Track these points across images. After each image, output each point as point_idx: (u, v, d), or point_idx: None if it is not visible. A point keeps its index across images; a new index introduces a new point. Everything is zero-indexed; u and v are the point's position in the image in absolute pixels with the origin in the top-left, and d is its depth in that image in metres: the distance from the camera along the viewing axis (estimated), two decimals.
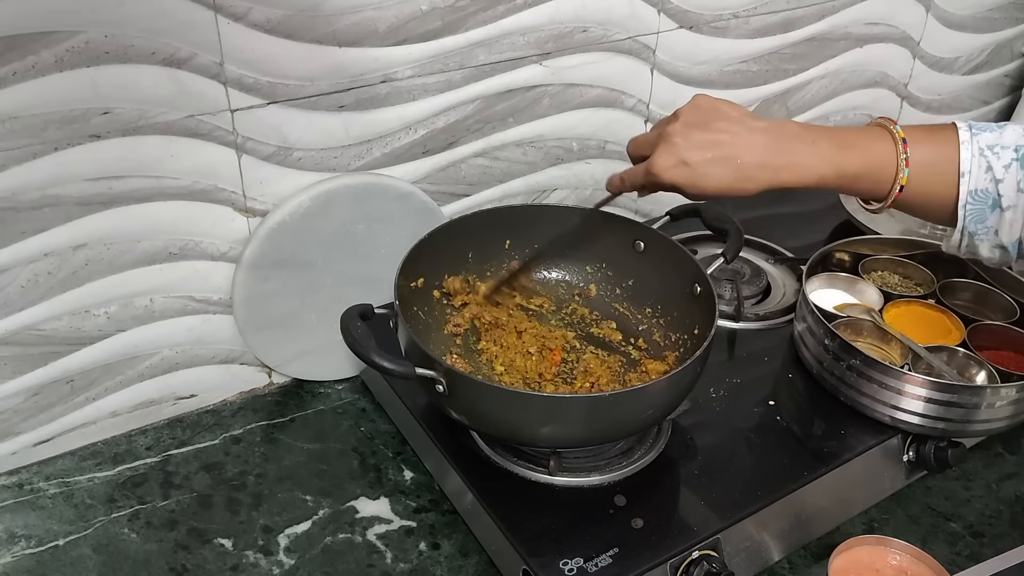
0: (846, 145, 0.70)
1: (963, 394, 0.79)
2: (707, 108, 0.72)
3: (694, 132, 0.71)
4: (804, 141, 0.70)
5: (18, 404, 0.80)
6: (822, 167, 0.69)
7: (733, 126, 0.70)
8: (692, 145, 0.70)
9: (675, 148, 0.70)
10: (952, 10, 1.31)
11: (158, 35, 0.71)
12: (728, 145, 0.70)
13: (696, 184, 0.70)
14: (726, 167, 0.69)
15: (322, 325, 0.90)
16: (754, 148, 0.70)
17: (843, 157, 0.70)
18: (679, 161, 0.70)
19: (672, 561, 0.69)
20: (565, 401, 0.70)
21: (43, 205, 0.73)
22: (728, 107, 0.72)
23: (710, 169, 0.70)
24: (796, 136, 0.71)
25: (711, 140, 0.70)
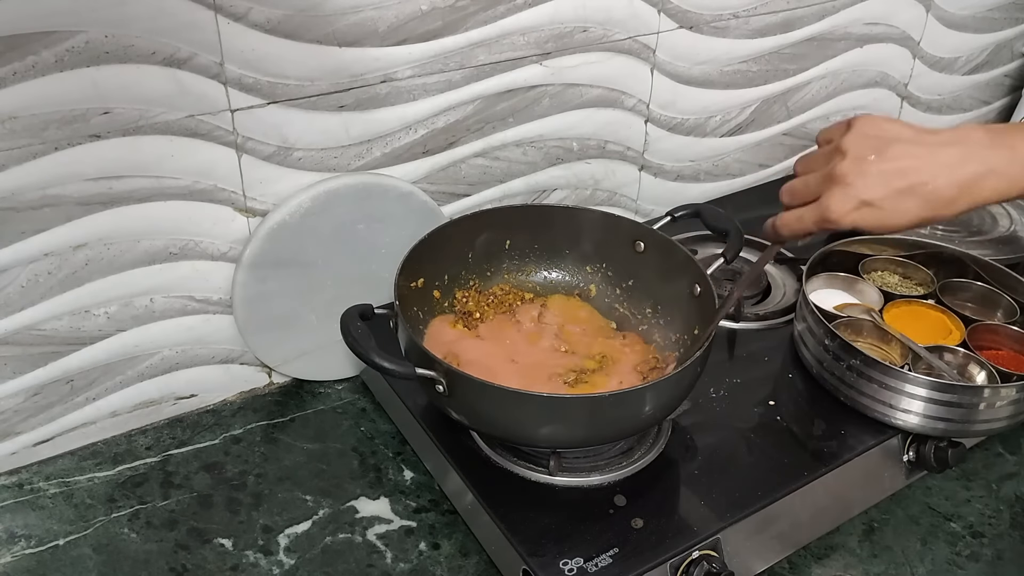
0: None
1: (963, 394, 0.79)
2: (876, 134, 0.63)
3: (869, 166, 0.62)
4: (1000, 147, 0.62)
5: (18, 404, 0.80)
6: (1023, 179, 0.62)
7: (913, 148, 0.62)
8: (871, 182, 0.61)
9: (851, 189, 0.62)
10: (952, 10, 1.31)
11: (158, 35, 0.71)
12: (915, 172, 0.61)
13: (885, 224, 0.62)
14: (915, 199, 0.61)
15: (322, 325, 0.90)
16: (946, 168, 0.61)
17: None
18: (860, 203, 0.62)
19: (672, 561, 0.69)
20: (565, 401, 0.70)
21: (43, 205, 0.73)
22: (899, 127, 0.64)
23: (898, 204, 0.61)
24: (989, 143, 0.62)
25: (893, 170, 0.61)
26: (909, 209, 0.62)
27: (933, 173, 0.61)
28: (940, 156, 0.62)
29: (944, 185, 0.61)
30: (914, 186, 0.61)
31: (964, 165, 0.61)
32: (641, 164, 1.12)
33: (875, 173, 0.62)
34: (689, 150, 1.16)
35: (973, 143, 0.62)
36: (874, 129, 0.64)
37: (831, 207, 0.63)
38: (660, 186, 1.16)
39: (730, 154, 1.21)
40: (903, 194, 0.61)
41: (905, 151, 0.62)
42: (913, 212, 0.62)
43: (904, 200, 0.61)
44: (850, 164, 0.62)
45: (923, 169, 0.61)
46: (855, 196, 0.62)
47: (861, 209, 0.62)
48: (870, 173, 0.62)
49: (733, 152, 1.21)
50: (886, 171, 0.62)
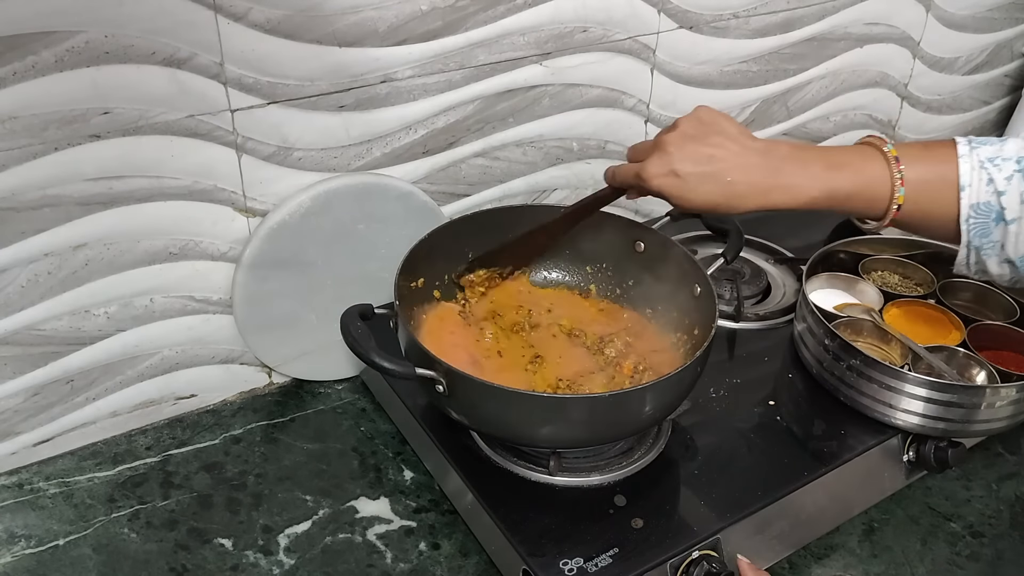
0: (837, 165, 0.70)
1: (963, 394, 0.79)
2: (707, 121, 0.71)
3: (689, 144, 0.70)
4: (795, 162, 0.70)
5: (18, 404, 0.80)
6: (812, 188, 0.69)
7: (728, 143, 0.70)
8: (685, 156, 0.69)
9: (668, 157, 0.70)
10: (952, 10, 1.31)
11: (158, 35, 0.71)
12: (720, 161, 0.69)
13: (684, 196, 0.70)
14: (716, 184, 0.69)
15: (322, 325, 0.90)
16: (746, 168, 0.69)
17: (834, 177, 0.69)
18: (670, 171, 0.69)
19: (672, 561, 0.69)
20: (565, 401, 0.70)
21: (43, 205, 0.73)
22: (728, 123, 0.71)
23: (699, 184, 0.69)
24: (787, 157, 0.70)
25: (705, 154, 0.69)
26: (707, 192, 0.69)
27: (735, 169, 0.69)
28: (746, 158, 0.69)
29: (740, 182, 0.69)
30: (716, 173, 0.69)
31: (760, 171, 0.69)
32: None
33: (691, 151, 0.69)
34: None
35: (775, 155, 0.70)
36: (708, 116, 0.72)
37: (647, 167, 0.71)
38: None
39: None
40: (706, 178, 0.69)
41: (721, 143, 0.70)
42: (709, 195, 0.69)
43: (705, 183, 0.69)
44: (675, 137, 0.70)
45: (728, 163, 0.69)
46: (668, 164, 0.70)
47: (670, 177, 0.70)
48: (687, 149, 0.70)
49: None
50: (700, 154, 0.69)
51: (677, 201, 0.71)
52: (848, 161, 0.70)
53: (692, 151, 0.69)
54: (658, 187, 0.70)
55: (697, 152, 0.69)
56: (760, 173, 0.69)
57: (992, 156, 0.67)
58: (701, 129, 0.70)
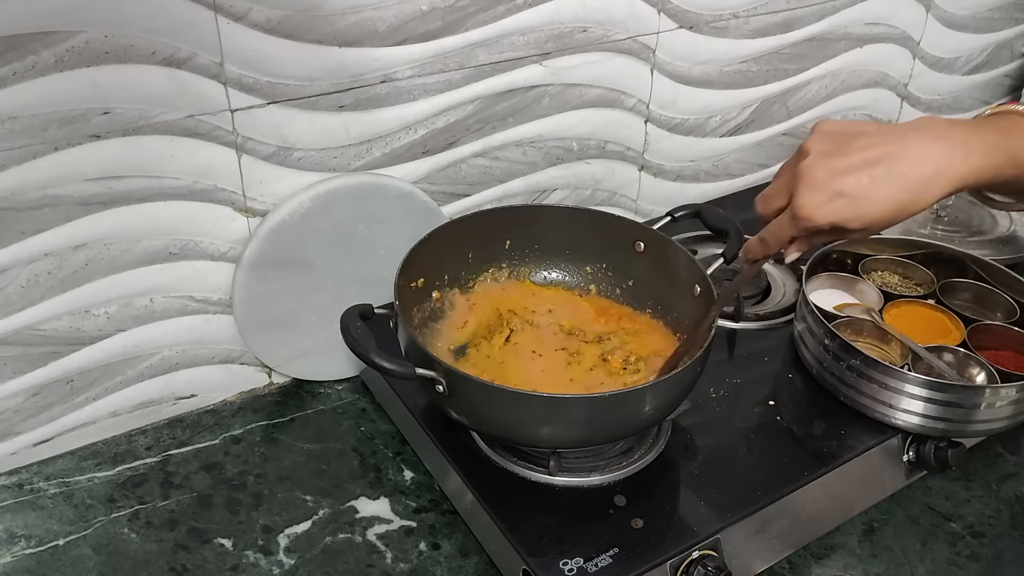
0: (1004, 130, 0.61)
1: (963, 394, 0.79)
2: (837, 131, 0.62)
3: (833, 160, 0.59)
4: (964, 128, 0.60)
5: (18, 404, 0.80)
6: (997, 157, 0.59)
7: (879, 137, 0.60)
8: (839, 171, 0.59)
9: (819, 181, 0.59)
10: (952, 10, 1.31)
11: (158, 35, 0.71)
12: (884, 159, 0.59)
13: (861, 215, 0.59)
14: (891, 185, 0.58)
15: (322, 325, 0.90)
16: (915, 150, 0.59)
17: (1011, 142, 0.60)
18: (832, 194, 0.59)
19: (672, 561, 0.69)
20: (565, 401, 0.70)
21: (43, 205, 0.73)
22: (860, 124, 0.62)
23: (873, 191, 0.58)
24: (952, 124, 0.61)
25: (861, 160, 0.59)
26: (886, 196, 0.59)
27: (904, 157, 0.59)
28: (910, 141, 0.60)
29: (918, 166, 0.59)
30: (888, 170, 0.59)
31: (933, 143, 0.59)
32: (641, 164, 1.12)
33: (842, 165, 0.60)
34: (689, 150, 1.16)
35: (940, 127, 0.61)
36: (835, 127, 0.62)
37: (802, 204, 0.61)
38: (660, 186, 1.16)
39: (730, 154, 1.21)
40: (877, 180, 0.59)
41: (871, 141, 0.60)
42: (891, 199, 0.59)
43: (879, 188, 0.59)
44: (814, 159, 0.61)
45: (894, 153, 0.59)
46: (825, 189, 0.59)
47: (834, 201, 0.59)
48: (836, 166, 0.60)
49: (733, 152, 1.21)
50: (854, 162, 0.59)
51: (856, 223, 0.60)
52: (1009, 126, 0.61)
53: (843, 164, 0.59)
54: (826, 217, 0.60)
55: (848, 163, 0.59)
56: (934, 147, 0.59)
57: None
58: (836, 140, 0.61)
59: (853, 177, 0.59)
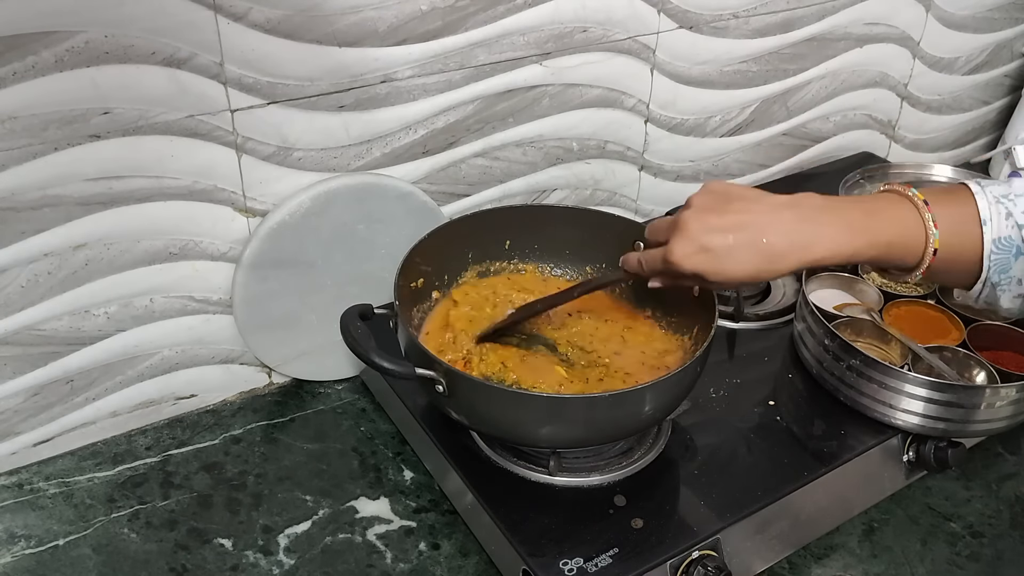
0: (872, 212, 0.66)
1: (963, 394, 0.79)
2: (721, 192, 0.67)
3: (710, 216, 0.65)
4: (830, 211, 0.66)
5: (18, 404, 0.80)
6: (855, 239, 0.65)
7: (752, 205, 0.66)
8: (709, 228, 0.65)
9: (691, 234, 0.65)
10: (952, 10, 1.31)
11: (158, 35, 0.71)
12: (750, 226, 0.64)
13: (720, 271, 0.65)
14: (751, 251, 0.64)
15: (322, 325, 0.90)
16: (780, 225, 0.64)
17: (873, 225, 0.65)
18: (699, 247, 0.65)
19: (672, 561, 0.69)
20: (565, 401, 0.70)
21: (43, 205, 0.73)
22: (742, 188, 0.68)
23: (734, 253, 0.64)
24: (820, 207, 0.66)
25: (732, 222, 0.65)
26: (744, 259, 0.64)
27: (768, 230, 0.64)
28: (777, 215, 0.65)
29: (777, 243, 0.64)
30: (751, 240, 0.64)
31: (798, 224, 0.65)
32: (641, 164, 1.12)
33: (714, 223, 0.65)
34: (689, 150, 1.16)
35: (808, 206, 0.66)
36: (721, 188, 0.67)
37: (673, 250, 0.66)
38: (660, 186, 1.16)
39: (730, 154, 1.21)
40: (739, 247, 0.64)
41: (745, 207, 0.65)
42: (747, 263, 0.64)
43: (740, 252, 0.64)
44: (692, 214, 0.66)
45: (759, 224, 0.65)
46: (694, 242, 0.65)
47: (700, 254, 0.65)
48: (710, 223, 0.65)
49: (733, 152, 1.21)
50: (726, 223, 0.65)
51: (715, 277, 0.66)
52: (881, 207, 0.67)
53: (716, 222, 0.65)
54: (691, 267, 0.66)
55: (721, 222, 0.65)
56: (797, 228, 0.65)
57: (1004, 193, 0.65)
58: (716, 200, 0.66)
59: (720, 236, 0.65)
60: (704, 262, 0.65)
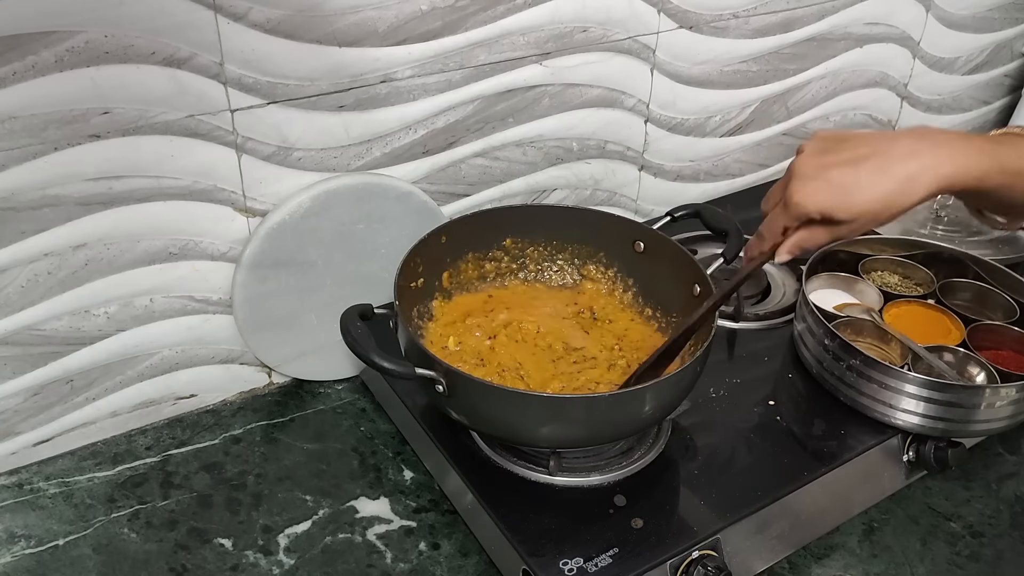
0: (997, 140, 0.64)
1: (963, 394, 0.79)
2: (831, 136, 0.65)
3: (827, 156, 0.63)
4: (954, 137, 0.63)
5: (18, 404, 0.80)
6: (983, 160, 0.62)
7: (869, 139, 0.64)
8: (829, 166, 0.63)
9: (810, 172, 0.63)
10: (952, 10, 1.31)
11: (158, 35, 0.71)
12: (874, 156, 0.62)
13: (850, 203, 0.62)
14: (879, 175, 0.61)
15: (322, 325, 0.90)
16: (903, 148, 0.62)
17: (1002, 151, 0.63)
18: (822, 182, 0.62)
19: (672, 561, 0.69)
20: (565, 401, 0.70)
21: (43, 205, 0.73)
22: (853, 131, 0.66)
23: (861, 181, 0.61)
24: (943, 133, 0.64)
25: (851, 156, 0.63)
26: (873, 186, 0.62)
27: (892, 152, 0.62)
28: (899, 142, 0.63)
29: (905, 163, 0.62)
30: (876, 165, 0.62)
31: (921, 148, 0.63)
32: (641, 164, 1.12)
33: (831, 160, 0.63)
34: (689, 150, 1.16)
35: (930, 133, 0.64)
36: (831, 134, 0.66)
37: (794, 191, 0.64)
38: (660, 186, 1.16)
39: (730, 154, 1.21)
40: (864, 173, 0.62)
41: (862, 142, 0.64)
42: (879, 188, 0.62)
43: (867, 178, 0.62)
44: (807, 157, 0.65)
45: (882, 151, 0.63)
46: (815, 178, 0.63)
47: (824, 190, 0.63)
48: (826, 160, 0.63)
49: (733, 152, 1.21)
50: (846, 158, 0.63)
51: (844, 213, 0.62)
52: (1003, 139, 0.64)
53: (833, 159, 0.63)
54: (817, 205, 0.62)
55: (839, 158, 0.63)
56: (922, 148, 0.62)
57: None
58: (829, 143, 0.65)
59: (843, 169, 0.62)
60: (830, 197, 0.62)
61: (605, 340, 0.85)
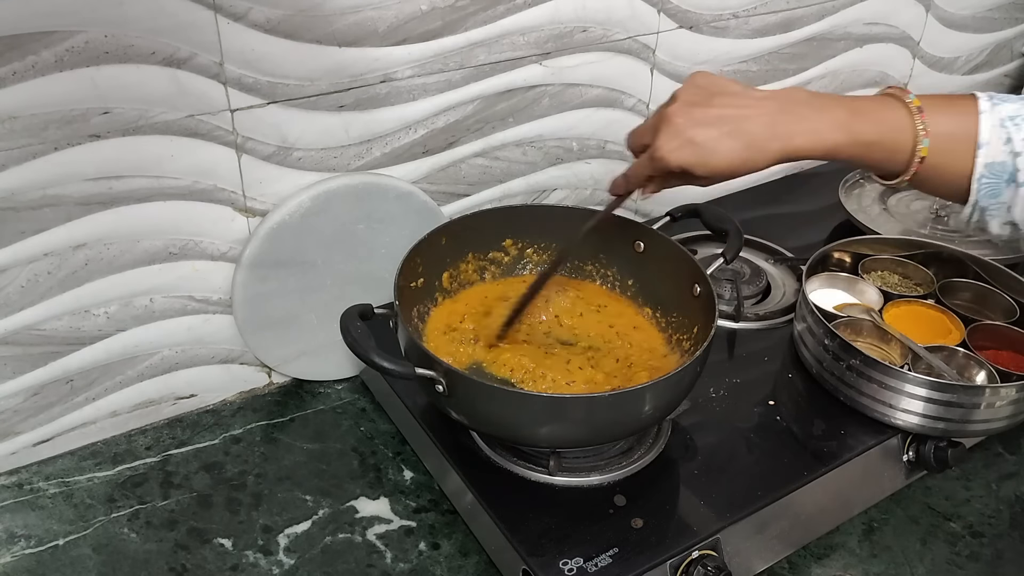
0: (858, 111, 0.67)
1: (963, 394, 0.79)
2: (706, 85, 0.68)
3: (695, 110, 0.67)
4: (815, 107, 0.67)
5: (18, 404, 0.80)
6: (835, 133, 0.66)
7: (736, 99, 0.67)
8: (696, 122, 0.66)
9: (678, 128, 0.67)
10: (952, 10, 1.31)
11: (158, 35, 0.71)
12: (734, 118, 0.66)
13: (706, 162, 0.66)
14: (735, 140, 0.66)
15: (322, 325, 0.90)
16: (763, 116, 0.66)
17: (857, 123, 0.66)
18: (685, 140, 0.66)
19: (672, 561, 0.69)
20: (565, 401, 0.70)
21: (43, 205, 0.73)
22: (728, 82, 0.69)
23: (719, 144, 0.66)
24: (806, 102, 0.67)
25: (716, 115, 0.66)
26: (728, 150, 0.66)
27: (752, 120, 0.66)
28: (761, 106, 0.67)
29: (760, 133, 0.66)
30: (734, 131, 0.66)
31: (779, 116, 0.66)
32: None
33: (700, 116, 0.67)
34: None
35: (792, 100, 0.67)
36: (706, 81, 0.69)
37: (660, 145, 0.67)
38: None
39: None
40: (724, 136, 0.66)
41: (730, 101, 0.67)
42: (732, 152, 0.66)
43: (724, 141, 0.66)
44: (678, 107, 0.68)
45: (743, 115, 0.66)
46: (680, 134, 0.67)
47: (687, 147, 0.66)
48: (695, 115, 0.67)
49: None
50: (711, 115, 0.66)
51: (699, 170, 0.67)
52: (870, 108, 0.67)
53: (701, 115, 0.66)
54: (677, 161, 0.67)
55: (707, 115, 0.66)
56: (780, 118, 0.66)
57: (1013, 114, 0.64)
58: (702, 94, 0.68)
59: (705, 129, 0.66)
60: (691, 155, 0.66)
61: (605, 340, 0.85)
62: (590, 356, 0.82)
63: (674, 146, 0.67)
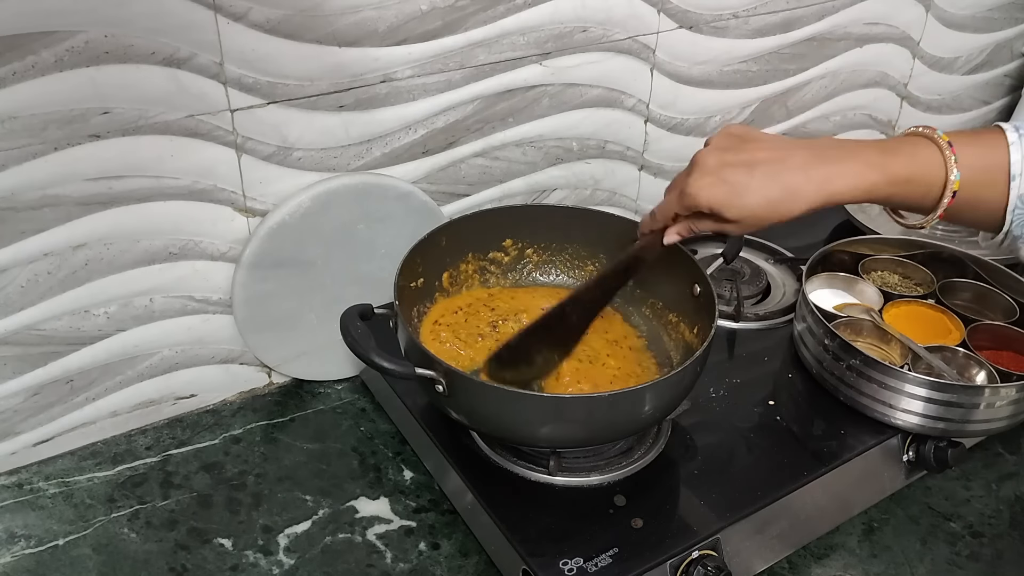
0: (889, 150, 0.66)
1: (963, 394, 0.79)
2: (739, 134, 0.68)
3: (728, 154, 0.67)
4: (846, 150, 0.67)
5: (18, 404, 0.80)
6: (871, 173, 0.65)
7: (768, 145, 0.67)
8: (728, 164, 0.66)
9: (709, 168, 0.66)
10: (952, 10, 1.31)
11: (158, 35, 0.71)
12: (769, 162, 0.66)
13: (737, 203, 0.65)
14: (770, 182, 0.65)
15: (322, 325, 0.90)
16: (797, 160, 0.65)
17: (890, 161, 0.65)
18: (717, 179, 0.66)
19: (672, 561, 0.69)
20: (565, 401, 0.70)
21: (43, 205, 0.73)
22: (759, 132, 0.69)
23: (751, 184, 0.65)
24: (835, 146, 0.67)
25: (748, 159, 0.66)
26: (762, 190, 0.65)
27: (784, 164, 0.65)
28: (793, 152, 0.66)
29: (795, 176, 0.65)
30: (769, 173, 0.65)
31: (813, 160, 0.66)
32: (641, 164, 1.12)
33: (732, 159, 0.66)
34: (689, 150, 1.14)
35: (823, 146, 0.67)
36: (738, 131, 0.69)
37: (691, 182, 0.67)
38: (660, 186, 1.15)
39: None
40: (756, 178, 0.65)
41: (761, 147, 0.67)
42: (766, 194, 0.65)
43: (757, 183, 0.65)
44: (709, 152, 0.68)
45: (777, 159, 0.66)
46: (712, 174, 0.66)
47: (717, 187, 0.66)
48: (726, 158, 0.66)
49: None
50: (743, 159, 0.66)
51: (730, 211, 0.66)
52: (900, 147, 0.67)
53: (733, 159, 0.66)
54: (708, 199, 0.66)
55: (738, 159, 0.66)
56: (815, 163, 0.65)
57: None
58: (734, 141, 0.68)
59: (737, 170, 0.66)
60: (721, 194, 0.66)
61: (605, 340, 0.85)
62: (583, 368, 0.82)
63: (705, 183, 0.66)
